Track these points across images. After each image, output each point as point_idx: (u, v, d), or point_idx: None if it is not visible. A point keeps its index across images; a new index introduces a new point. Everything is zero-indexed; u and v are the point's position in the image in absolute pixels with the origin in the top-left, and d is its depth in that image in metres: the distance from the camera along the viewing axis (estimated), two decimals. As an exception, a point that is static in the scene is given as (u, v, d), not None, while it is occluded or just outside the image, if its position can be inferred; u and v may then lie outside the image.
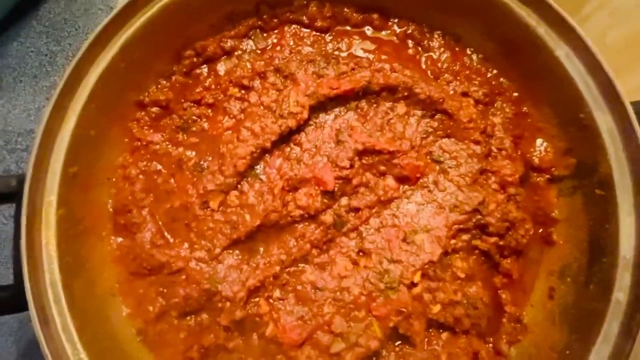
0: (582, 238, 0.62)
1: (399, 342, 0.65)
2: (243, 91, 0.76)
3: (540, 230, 0.68)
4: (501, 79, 0.72)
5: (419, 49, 0.78)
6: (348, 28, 0.79)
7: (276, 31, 0.78)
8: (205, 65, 0.78)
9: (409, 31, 0.78)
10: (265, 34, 0.79)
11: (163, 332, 0.67)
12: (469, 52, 0.75)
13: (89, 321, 0.59)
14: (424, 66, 0.77)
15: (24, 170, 0.64)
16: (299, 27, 0.79)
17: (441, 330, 0.66)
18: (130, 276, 0.69)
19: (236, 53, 0.78)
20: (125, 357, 0.62)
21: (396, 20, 0.78)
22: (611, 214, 0.56)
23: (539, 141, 0.69)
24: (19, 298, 0.58)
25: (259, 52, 0.78)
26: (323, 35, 0.79)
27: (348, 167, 0.70)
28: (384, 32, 0.78)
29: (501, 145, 0.69)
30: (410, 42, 0.78)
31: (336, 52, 0.78)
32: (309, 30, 0.79)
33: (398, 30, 0.78)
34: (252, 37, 0.79)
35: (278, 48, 0.78)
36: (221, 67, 0.78)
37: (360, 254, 0.70)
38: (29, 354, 0.77)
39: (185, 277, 0.67)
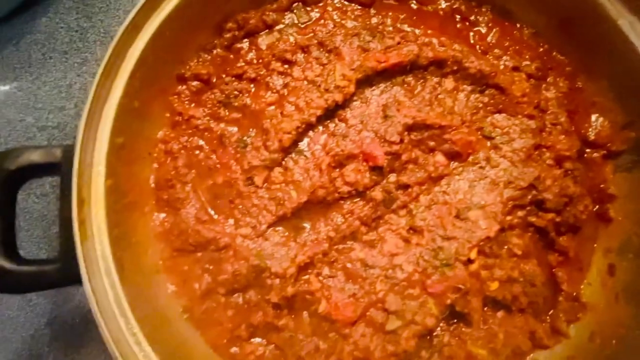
0: (644, 213, 0.60)
1: (454, 320, 0.64)
2: (286, 66, 0.74)
3: (597, 207, 0.67)
4: (554, 53, 0.71)
5: (466, 23, 0.76)
6: (392, 2, 0.77)
7: (320, 4, 0.76)
8: (246, 40, 0.75)
9: (456, 6, 0.76)
10: (308, 8, 0.77)
11: (210, 310, 0.64)
12: (519, 26, 0.74)
13: (139, 296, 0.56)
14: (472, 41, 0.75)
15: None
16: (342, 0, 0.77)
17: (497, 309, 0.65)
18: (175, 253, 0.66)
19: (278, 27, 0.76)
20: (174, 334, 0.60)
21: (442, -6, 0.76)
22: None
23: (594, 116, 0.67)
24: (64, 272, 0.56)
25: (301, 26, 0.76)
26: (367, 9, 0.77)
27: (398, 142, 0.68)
28: (430, 7, 0.77)
29: (556, 120, 0.67)
30: (457, 17, 0.76)
31: (381, 26, 0.76)
32: (352, 4, 0.77)
33: (444, 5, 0.76)
34: (295, 11, 0.77)
35: (321, 22, 0.76)
36: (263, 41, 0.76)
37: (411, 231, 0.68)
38: (63, 336, 0.75)
39: (233, 254, 0.65)
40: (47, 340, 0.75)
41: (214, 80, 0.74)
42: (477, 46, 0.74)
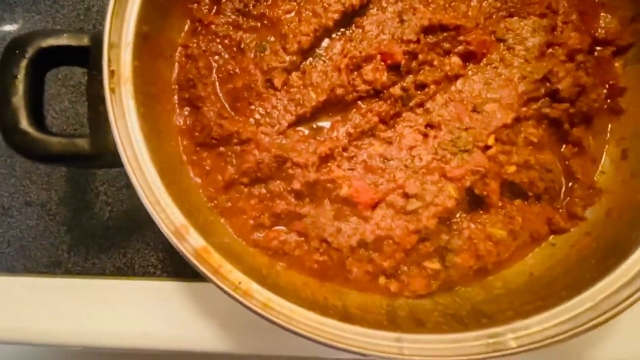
0: (655, 97, 0.62)
1: (474, 207, 0.65)
2: (304, -25, 0.76)
3: (608, 101, 0.69)
4: (564, -42, 0.73)
5: (478, -64, 0.79)
6: None
7: None
8: (264, -50, 0.78)
9: None
10: None
11: (233, 200, 0.66)
12: None
13: (168, 172, 0.57)
14: (483, -47, 0.78)
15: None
16: None
17: (514, 198, 0.66)
18: (198, 147, 0.68)
19: (294, -60, 0.79)
20: (200, 217, 0.61)
21: None
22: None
23: (602, 15, 0.70)
24: (94, 145, 0.57)
25: (317, -62, 0.79)
26: None
27: (415, 40, 0.70)
28: None
29: (567, 18, 0.69)
30: None
31: (397, -63, 0.78)
32: None
33: None
34: None
35: None
36: (280, -48, 0.78)
37: (428, 127, 0.70)
38: (83, 242, 0.76)
39: (255, 146, 0.66)
40: (67, 247, 0.76)
41: (233, -12, 0.76)
42: (489, -44, 0.77)
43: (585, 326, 0.50)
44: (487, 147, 0.64)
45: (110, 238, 0.76)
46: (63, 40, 0.60)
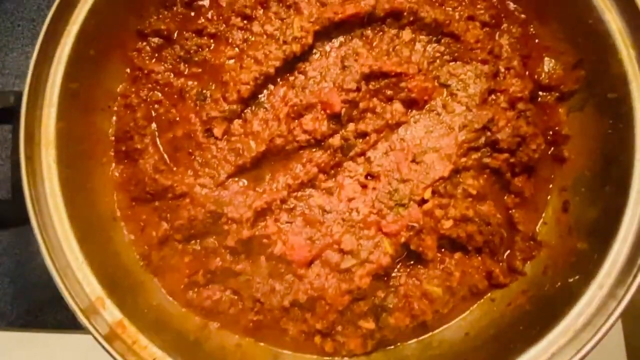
0: (595, 147, 0.61)
1: (411, 262, 0.64)
2: (245, 21, 0.74)
3: (552, 149, 0.67)
4: (507, 2, 0.72)
5: (423, -23, 0.78)
6: (350, -41, 0.79)
7: (278, -39, 0.78)
8: (206, -4, 0.77)
9: (412, -40, 0.78)
10: (267, -35, 0.78)
11: (167, 257, 0.64)
12: (473, -23, 0.75)
13: (91, 236, 0.56)
14: (428, -6, 0.77)
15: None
16: (299, -43, 0.79)
17: (454, 251, 0.65)
18: (133, 202, 0.67)
19: (238, -16, 0.78)
20: (129, 277, 0.60)
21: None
22: (625, 113, 0.55)
23: (546, 60, 0.68)
24: (17, 211, 0.56)
25: (260, -18, 0.78)
26: (326, -35, 0.79)
27: (355, 89, 0.69)
28: (387, -38, 0.78)
29: (509, 64, 0.68)
30: (413, -29, 0.78)
31: (339, -18, 0.77)
32: (311, -39, 0.79)
33: (400, -40, 0.78)
34: (255, -32, 0.78)
35: (280, -22, 0.78)
36: (223, -2, 0.77)
37: (369, 177, 0.68)
38: (26, 294, 0.75)
39: (190, 201, 0.65)
40: (10, 299, 0.75)
41: (174, 36, 0.74)
42: (434, -1, 0.76)
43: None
44: (424, 201, 0.63)
45: (54, 289, 0.75)
46: (-13, 102, 0.59)
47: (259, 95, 0.72)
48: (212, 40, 0.75)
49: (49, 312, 0.74)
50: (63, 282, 0.50)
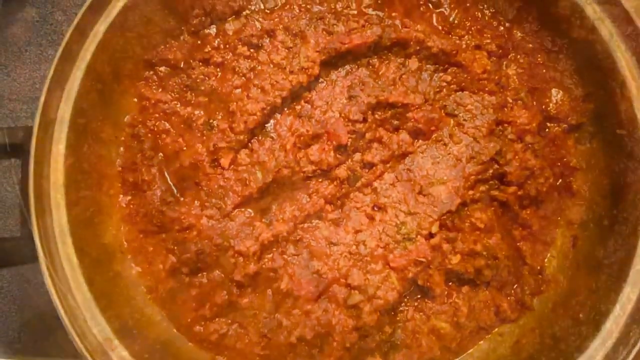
0: (604, 183, 0.60)
1: (419, 295, 0.64)
2: (252, 50, 0.75)
3: (559, 181, 0.67)
4: (515, 31, 0.72)
5: (430, 6, 0.77)
6: (357, -14, 0.79)
7: (285, -10, 0.78)
8: (213, 25, 0.77)
9: (419, -12, 0.78)
10: (274, -6, 0.78)
11: (174, 290, 0.65)
12: (480, 7, 0.75)
13: (99, 272, 0.57)
14: (435, 23, 0.76)
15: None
16: (307, -15, 0.79)
17: (461, 284, 0.65)
18: (140, 234, 0.67)
19: (244, 13, 0.77)
20: (137, 311, 0.60)
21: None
22: (634, 151, 0.55)
23: (554, 91, 0.68)
24: (25, 249, 0.56)
25: (267, 11, 0.77)
26: (332, -7, 0.79)
27: (361, 120, 0.69)
28: (393, -10, 0.78)
29: (517, 95, 0.68)
30: (420, 0, 0.78)
31: (346, 10, 0.77)
32: (318, -11, 0.79)
33: (408, -12, 0.78)
34: (261, -3, 0.79)
35: (287, 7, 0.77)
36: (230, 27, 0.77)
37: (375, 208, 0.68)
38: (33, 322, 0.75)
39: (197, 234, 0.65)
40: (17, 327, 0.75)
41: (182, 65, 0.75)
42: (440, 27, 0.76)
43: None
44: (431, 235, 0.63)
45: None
46: (-4, 138, 0.60)
47: (266, 125, 0.73)
48: (218, 69, 0.76)
49: (56, 341, 0.75)
50: (71, 323, 0.50)
